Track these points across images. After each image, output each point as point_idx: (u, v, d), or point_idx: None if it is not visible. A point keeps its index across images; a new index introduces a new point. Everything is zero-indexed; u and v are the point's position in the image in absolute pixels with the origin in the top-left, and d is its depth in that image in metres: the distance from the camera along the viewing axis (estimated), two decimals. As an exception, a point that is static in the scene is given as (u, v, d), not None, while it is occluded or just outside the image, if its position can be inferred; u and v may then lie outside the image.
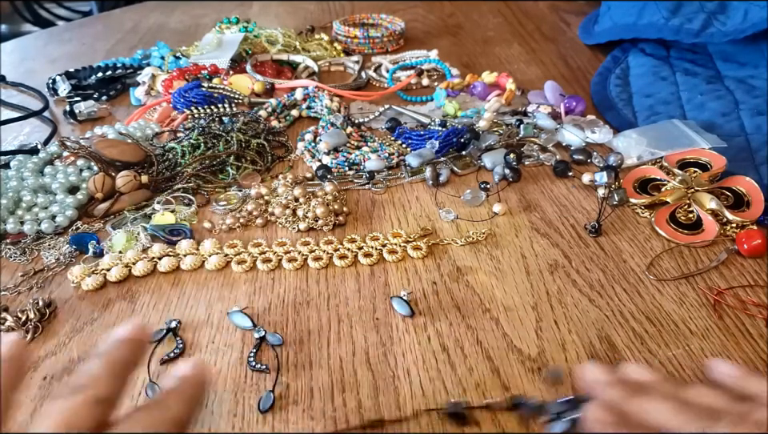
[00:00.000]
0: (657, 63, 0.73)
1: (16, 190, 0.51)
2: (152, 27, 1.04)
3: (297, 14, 1.06)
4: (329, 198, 0.49)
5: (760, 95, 0.62)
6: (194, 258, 0.44)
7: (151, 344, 0.37)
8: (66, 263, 0.46)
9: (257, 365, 0.35)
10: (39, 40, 1.02)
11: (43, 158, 0.56)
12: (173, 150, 0.57)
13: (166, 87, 0.70)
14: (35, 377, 0.36)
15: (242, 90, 0.69)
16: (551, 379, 0.34)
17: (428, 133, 0.58)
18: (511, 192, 0.52)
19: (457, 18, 1.01)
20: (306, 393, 0.34)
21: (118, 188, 0.51)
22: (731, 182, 0.49)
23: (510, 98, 0.65)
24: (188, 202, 0.52)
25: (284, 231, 0.48)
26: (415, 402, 0.33)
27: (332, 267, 0.44)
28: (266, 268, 0.44)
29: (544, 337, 0.37)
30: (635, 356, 0.35)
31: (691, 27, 0.72)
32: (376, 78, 0.76)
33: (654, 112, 0.63)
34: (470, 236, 0.46)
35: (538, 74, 0.77)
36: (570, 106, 0.62)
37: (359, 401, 0.33)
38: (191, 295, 0.42)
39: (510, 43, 0.88)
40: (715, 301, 0.39)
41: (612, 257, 0.44)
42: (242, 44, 0.79)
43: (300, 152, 0.60)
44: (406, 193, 0.53)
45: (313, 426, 0.32)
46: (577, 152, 0.56)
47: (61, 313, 0.41)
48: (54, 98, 0.75)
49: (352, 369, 0.35)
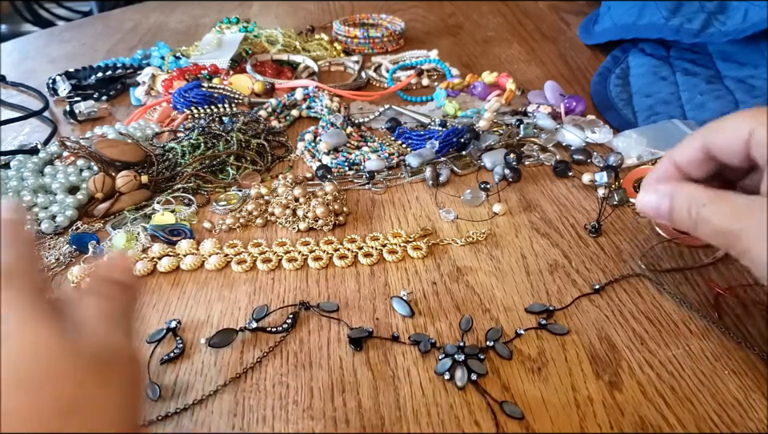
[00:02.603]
0: (657, 63, 0.73)
1: (16, 191, 0.51)
2: (152, 27, 1.04)
3: (297, 14, 1.07)
4: (329, 198, 0.49)
5: (760, 95, 0.62)
6: (194, 258, 0.45)
7: (151, 344, 0.37)
8: (66, 263, 0.46)
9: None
10: (39, 40, 1.02)
11: (43, 158, 0.56)
12: (173, 150, 0.57)
13: (166, 87, 0.70)
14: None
15: (242, 90, 0.69)
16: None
17: (428, 133, 0.58)
18: (511, 192, 0.52)
19: (457, 18, 1.01)
20: (305, 393, 0.34)
21: (118, 188, 0.51)
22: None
23: (509, 98, 0.65)
24: (188, 202, 0.52)
25: (284, 231, 0.48)
26: (415, 402, 0.33)
27: (332, 267, 0.44)
28: (265, 268, 0.44)
29: (544, 337, 0.37)
30: (635, 356, 0.35)
31: (691, 27, 0.72)
32: (376, 78, 0.76)
33: (653, 112, 0.63)
34: (470, 236, 0.46)
35: (538, 74, 0.77)
36: (570, 106, 0.62)
37: (359, 401, 0.33)
38: (191, 295, 0.42)
39: (510, 43, 0.88)
40: (715, 300, 0.39)
41: (612, 257, 0.44)
42: (242, 44, 0.79)
43: (300, 152, 0.60)
44: (406, 193, 0.53)
45: (313, 426, 0.32)
46: (577, 152, 0.56)
47: (61, 313, 0.41)
48: (54, 98, 0.75)
49: (352, 369, 0.35)
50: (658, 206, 0.33)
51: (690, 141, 0.33)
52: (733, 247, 0.30)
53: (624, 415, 0.32)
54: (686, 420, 0.31)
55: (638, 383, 0.34)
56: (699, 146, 0.32)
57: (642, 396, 0.33)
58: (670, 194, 0.32)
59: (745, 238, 0.28)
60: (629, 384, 0.34)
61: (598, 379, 0.34)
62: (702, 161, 0.33)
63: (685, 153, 0.33)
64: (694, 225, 0.31)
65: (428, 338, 0.37)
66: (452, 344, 0.36)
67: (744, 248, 0.29)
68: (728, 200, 0.30)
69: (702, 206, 0.30)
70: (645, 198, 0.34)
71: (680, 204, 0.32)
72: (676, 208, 0.32)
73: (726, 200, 0.30)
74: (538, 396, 0.33)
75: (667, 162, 0.34)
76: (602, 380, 0.34)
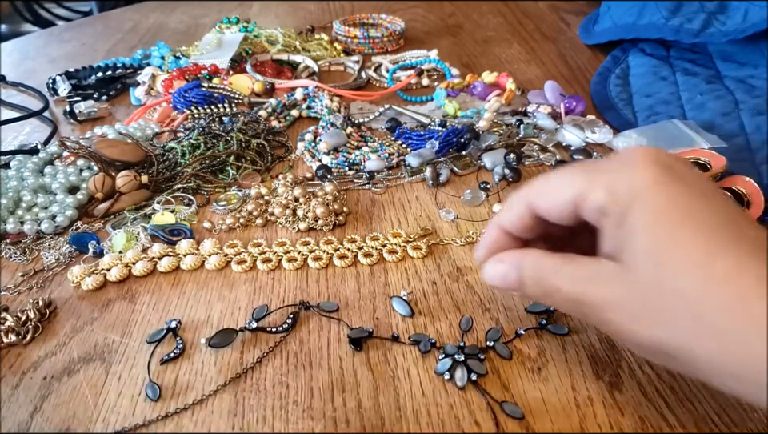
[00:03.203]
0: (657, 63, 0.73)
1: (16, 190, 0.51)
2: (152, 27, 1.04)
3: (297, 14, 1.07)
4: (329, 198, 0.49)
5: (760, 95, 0.62)
6: (194, 258, 0.45)
7: (151, 344, 0.37)
8: (66, 263, 0.46)
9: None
10: (39, 40, 1.02)
11: (43, 158, 0.56)
12: (173, 150, 0.57)
13: (165, 87, 0.70)
14: (35, 377, 0.36)
15: (242, 90, 0.69)
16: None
17: (428, 133, 0.58)
18: (511, 192, 0.52)
19: (457, 18, 1.01)
20: (305, 393, 0.34)
21: (118, 188, 0.51)
22: (731, 182, 0.49)
23: (509, 98, 0.65)
24: (188, 202, 0.52)
25: (284, 231, 0.48)
26: (415, 402, 0.33)
27: (332, 267, 0.44)
28: (265, 268, 0.44)
29: (544, 337, 0.37)
30: (635, 356, 0.35)
31: (691, 27, 0.72)
32: (376, 78, 0.76)
33: (653, 112, 0.63)
34: (470, 236, 0.46)
35: (538, 74, 0.77)
36: (570, 106, 0.63)
37: (359, 401, 0.33)
38: (191, 295, 0.42)
39: (510, 43, 0.88)
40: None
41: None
42: (242, 44, 0.79)
43: (300, 152, 0.60)
44: (406, 193, 0.53)
45: (313, 426, 0.32)
46: (577, 152, 0.56)
47: (61, 313, 0.41)
48: (54, 98, 0.75)
49: (352, 369, 0.35)
50: (505, 278, 0.32)
51: (516, 203, 0.32)
52: (588, 315, 0.28)
53: (624, 415, 0.32)
54: (685, 420, 0.31)
55: (638, 383, 0.34)
56: (525, 210, 0.31)
57: (642, 396, 0.33)
58: (516, 265, 0.31)
59: (601, 305, 0.27)
60: (629, 384, 0.34)
61: (598, 379, 0.34)
62: (529, 225, 0.32)
63: (512, 218, 0.32)
64: (544, 294, 0.30)
65: (428, 338, 0.37)
66: (452, 344, 0.36)
67: (603, 318, 0.27)
68: (576, 264, 0.28)
69: (554, 273, 0.29)
70: (490, 272, 0.33)
71: (528, 274, 0.30)
72: (525, 279, 0.31)
73: (573, 264, 0.29)
74: (538, 396, 0.33)
75: (494, 229, 0.33)
76: (602, 380, 0.34)
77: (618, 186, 0.27)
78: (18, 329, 0.39)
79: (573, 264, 0.29)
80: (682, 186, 0.26)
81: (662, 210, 0.25)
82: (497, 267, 0.32)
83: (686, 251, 0.24)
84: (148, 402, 0.34)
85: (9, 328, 0.39)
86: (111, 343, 0.38)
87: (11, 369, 0.37)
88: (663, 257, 0.25)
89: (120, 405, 0.34)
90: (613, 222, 0.27)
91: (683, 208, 0.25)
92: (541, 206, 0.30)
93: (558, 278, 0.29)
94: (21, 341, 0.38)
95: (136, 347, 0.38)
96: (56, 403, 0.34)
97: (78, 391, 0.35)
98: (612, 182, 0.27)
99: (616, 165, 0.28)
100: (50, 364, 0.37)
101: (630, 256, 0.26)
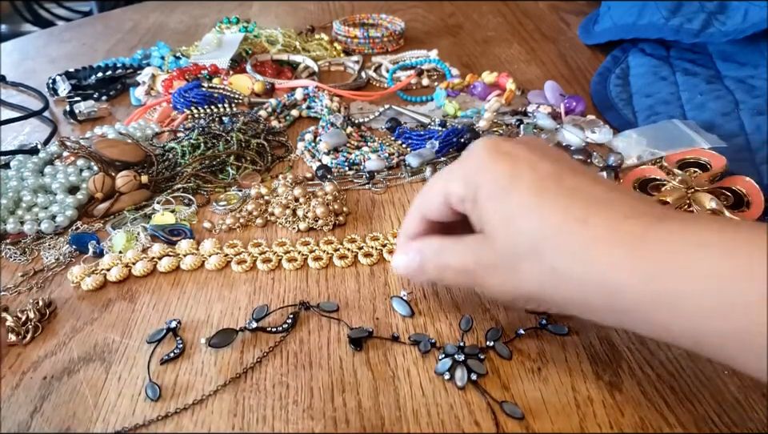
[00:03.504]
0: (657, 63, 0.73)
1: (16, 190, 0.51)
2: (152, 27, 1.04)
3: (297, 14, 1.07)
4: (329, 198, 0.49)
5: (760, 95, 0.62)
6: (194, 258, 0.45)
7: (151, 344, 0.37)
8: (66, 263, 0.46)
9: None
10: (39, 40, 1.02)
11: (43, 158, 0.56)
12: (173, 150, 0.57)
13: (166, 87, 0.70)
14: (35, 377, 0.36)
15: (242, 90, 0.69)
16: None
17: (428, 133, 0.58)
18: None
19: (457, 18, 1.01)
20: (305, 393, 0.34)
21: (118, 188, 0.51)
22: (731, 182, 0.49)
23: (509, 98, 0.65)
24: (188, 202, 0.52)
25: (284, 231, 0.48)
26: (415, 402, 0.33)
27: (332, 267, 0.44)
28: (265, 268, 0.44)
29: (544, 337, 0.37)
30: (635, 356, 0.35)
31: (691, 27, 0.72)
32: (376, 78, 0.76)
33: (653, 112, 0.63)
34: (469, 236, 0.46)
35: (538, 74, 0.77)
36: (569, 106, 0.63)
37: (359, 401, 0.33)
38: (191, 295, 0.42)
39: (510, 43, 0.88)
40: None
41: (612, 257, 0.44)
42: (242, 44, 0.79)
43: (300, 152, 0.60)
44: (406, 193, 0.53)
45: (313, 426, 0.32)
46: (577, 152, 0.56)
47: (61, 313, 0.41)
48: (54, 98, 0.75)
49: (352, 369, 0.35)
50: (408, 266, 0.36)
51: (411, 216, 0.36)
52: (473, 285, 0.33)
53: (624, 416, 0.32)
54: (686, 420, 0.31)
55: (638, 383, 0.34)
56: (420, 218, 0.36)
57: (642, 396, 0.33)
58: (418, 250, 0.35)
59: (478, 271, 0.32)
60: (629, 384, 0.34)
61: (598, 379, 0.34)
62: (429, 227, 0.36)
63: (412, 227, 0.36)
64: (439, 273, 0.34)
65: (428, 338, 0.37)
66: (452, 344, 0.36)
67: (482, 283, 0.32)
68: (461, 242, 0.33)
69: (445, 251, 0.33)
70: (396, 260, 0.37)
71: (427, 257, 0.34)
72: (425, 262, 0.35)
73: (460, 242, 0.33)
74: (538, 396, 0.33)
75: (402, 237, 0.37)
76: (602, 380, 0.34)
77: (467, 175, 0.32)
78: (18, 329, 0.39)
79: (459, 243, 0.33)
80: (511, 162, 0.31)
81: (502, 184, 0.30)
82: (400, 256, 0.36)
83: (527, 211, 0.29)
84: (148, 402, 0.34)
85: (9, 328, 0.39)
86: (111, 343, 0.38)
87: (11, 369, 0.37)
88: (509, 220, 0.30)
89: (120, 405, 0.34)
90: (471, 204, 0.32)
91: (520, 180, 0.30)
92: (427, 213, 0.35)
93: (448, 255, 0.33)
94: (21, 341, 0.38)
95: (136, 347, 0.38)
96: (56, 403, 0.34)
97: (78, 391, 0.35)
98: (463, 173, 0.32)
99: (464, 159, 0.33)
100: (50, 364, 0.37)
101: (488, 226, 0.31)
